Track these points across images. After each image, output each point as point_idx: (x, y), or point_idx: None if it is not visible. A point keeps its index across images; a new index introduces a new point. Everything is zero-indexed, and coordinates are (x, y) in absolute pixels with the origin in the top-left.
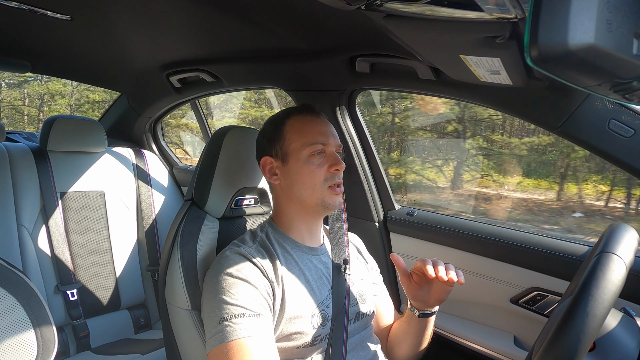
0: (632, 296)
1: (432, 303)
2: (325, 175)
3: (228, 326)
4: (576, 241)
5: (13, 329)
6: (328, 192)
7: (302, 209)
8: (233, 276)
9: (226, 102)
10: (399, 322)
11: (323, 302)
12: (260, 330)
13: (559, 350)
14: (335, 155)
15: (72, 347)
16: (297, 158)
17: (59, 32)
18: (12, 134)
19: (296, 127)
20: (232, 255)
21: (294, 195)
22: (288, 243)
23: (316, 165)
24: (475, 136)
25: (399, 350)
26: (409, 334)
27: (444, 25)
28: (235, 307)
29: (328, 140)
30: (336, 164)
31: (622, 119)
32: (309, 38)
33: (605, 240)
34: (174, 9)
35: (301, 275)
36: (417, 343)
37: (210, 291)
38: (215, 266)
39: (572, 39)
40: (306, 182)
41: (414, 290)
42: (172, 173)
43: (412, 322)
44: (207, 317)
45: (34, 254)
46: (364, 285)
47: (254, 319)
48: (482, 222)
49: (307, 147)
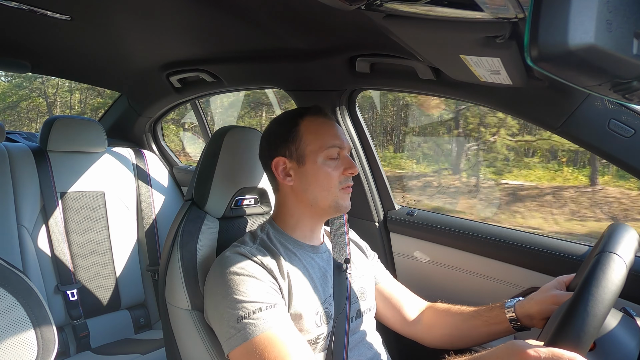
0: (632, 296)
1: (537, 322)
2: (340, 178)
3: (249, 323)
4: (576, 241)
5: (13, 329)
6: (341, 193)
7: (311, 210)
8: (238, 274)
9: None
10: (462, 313)
11: (326, 300)
12: (281, 320)
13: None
14: (349, 159)
15: (72, 347)
16: (314, 160)
17: (59, 32)
18: (12, 134)
19: (312, 129)
20: (233, 255)
21: (307, 197)
22: (290, 242)
23: (332, 168)
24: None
25: (443, 335)
26: (476, 328)
27: (444, 25)
28: (250, 303)
29: (343, 143)
30: (351, 167)
31: (622, 119)
32: (309, 38)
33: (605, 240)
34: (174, 9)
35: (305, 273)
36: (473, 340)
37: (219, 293)
38: (216, 268)
39: (572, 39)
40: (323, 185)
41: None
42: (172, 173)
43: (494, 324)
44: (220, 319)
45: (34, 254)
46: (365, 282)
47: (272, 310)
48: (482, 222)
49: (324, 150)
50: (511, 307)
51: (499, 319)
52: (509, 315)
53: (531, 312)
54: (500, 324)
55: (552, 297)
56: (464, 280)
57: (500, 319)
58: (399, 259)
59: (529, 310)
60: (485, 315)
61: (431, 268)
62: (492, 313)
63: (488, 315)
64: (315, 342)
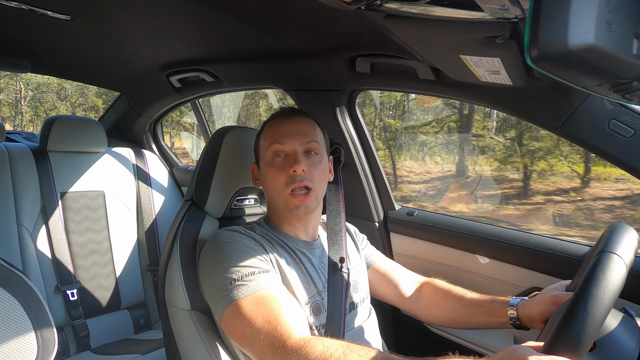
0: (632, 296)
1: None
2: (286, 179)
3: (241, 284)
4: (576, 241)
5: (13, 329)
6: (289, 196)
7: (277, 212)
8: (232, 244)
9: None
10: (462, 298)
11: (318, 293)
12: (274, 283)
13: (560, 350)
14: (294, 156)
15: (72, 347)
16: (264, 162)
17: (59, 32)
18: (12, 133)
19: (266, 131)
20: (226, 232)
21: (269, 199)
22: (283, 237)
23: (277, 168)
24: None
25: (440, 316)
26: (474, 316)
27: (444, 25)
28: (243, 267)
29: (288, 139)
30: (293, 164)
31: (622, 119)
32: (309, 38)
33: (605, 240)
34: (174, 9)
35: (296, 265)
36: (468, 326)
37: (212, 261)
38: (209, 244)
39: (572, 39)
40: (271, 185)
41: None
42: (172, 173)
43: (493, 316)
44: (212, 284)
45: (34, 254)
46: (357, 274)
47: (265, 274)
48: (482, 222)
49: (267, 149)
50: (514, 305)
51: (499, 313)
52: (511, 313)
53: (532, 313)
54: (500, 317)
55: (551, 297)
56: (464, 280)
57: (501, 313)
58: (399, 259)
59: (529, 311)
60: (487, 307)
61: (431, 268)
62: (494, 306)
63: (489, 307)
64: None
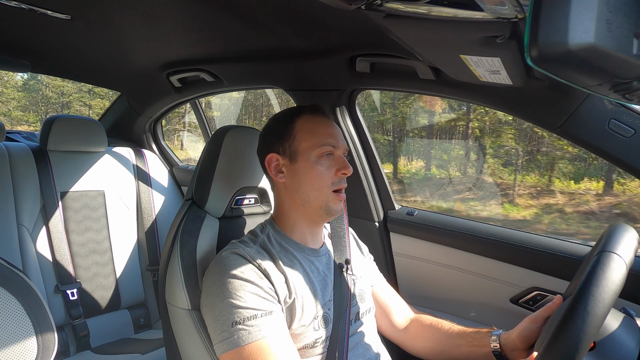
0: (632, 296)
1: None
2: (332, 179)
3: (242, 329)
4: (576, 241)
5: (13, 328)
6: (333, 196)
7: (305, 211)
8: (237, 278)
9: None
10: (448, 330)
11: (325, 304)
12: (275, 328)
13: (560, 349)
14: (343, 159)
15: (72, 346)
16: (306, 158)
17: (59, 32)
18: (12, 133)
19: (307, 127)
20: (232, 256)
21: (299, 196)
22: (290, 245)
23: (325, 168)
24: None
25: (425, 347)
26: (458, 347)
27: (444, 25)
28: (246, 309)
29: (338, 143)
30: (344, 167)
31: (622, 119)
32: (309, 38)
33: (605, 239)
34: (174, 9)
35: (305, 277)
36: (453, 358)
37: (216, 294)
38: (215, 268)
39: (572, 39)
40: (314, 184)
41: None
42: (172, 173)
43: (477, 346)
44: (215, 320)
45: (34, 253)
46: (363, 284)
47: (267, 317)
48: (482, 222)
49: (317, 148)
50: (496, 336)
51: (482, 343)
52: (493, 345)
53: (512, 337)
54: (483, 347)
55: (528, 318)
56: (464, 280)
57: (484, 343)
58: (399, 259)
59: (510, 335)
60: (471, 337)
61: (431, 268)
62: (478, 336)
63: (473, 337)
64: (313, 346)
